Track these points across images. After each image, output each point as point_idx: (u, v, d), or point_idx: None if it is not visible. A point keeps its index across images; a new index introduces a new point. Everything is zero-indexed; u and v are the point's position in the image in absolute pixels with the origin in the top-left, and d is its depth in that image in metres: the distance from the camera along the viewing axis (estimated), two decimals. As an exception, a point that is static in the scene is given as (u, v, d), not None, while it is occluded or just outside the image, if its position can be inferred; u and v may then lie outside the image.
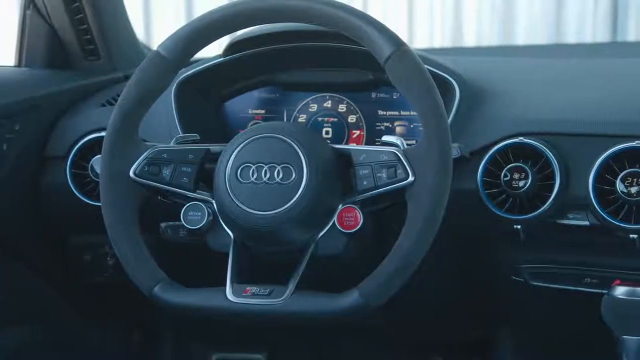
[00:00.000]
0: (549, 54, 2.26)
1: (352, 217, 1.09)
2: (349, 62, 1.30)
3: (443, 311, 1.43)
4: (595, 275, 1.20)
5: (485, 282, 1.33)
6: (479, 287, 1.34)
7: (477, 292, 1.36)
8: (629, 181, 1.10)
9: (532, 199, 1.16)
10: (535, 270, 1.24)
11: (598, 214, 1.12)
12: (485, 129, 1.21)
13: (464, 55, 2.24)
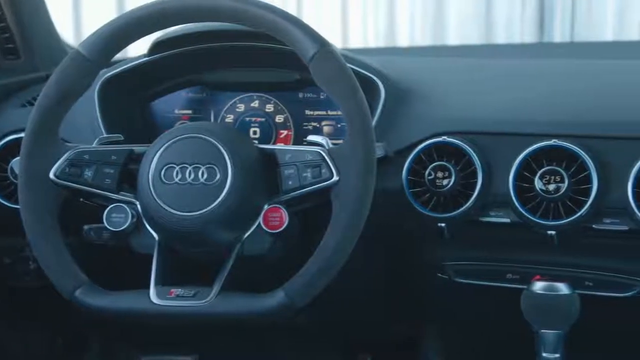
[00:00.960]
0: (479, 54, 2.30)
1: (278, 217, 1.09)
2: (276, 62, 1.30)
3: (371, 310, 1.44)
4: (516, 271, 1.22)
5: (411, 279, 1.35)
6: (405, 285, 1.36)
7: (403, 289, 1.37)
8: (546, 179, 1.13)
9: (455, 197, 1.18)
10: (460, 267, 1.26)
11: (518, 211, 1.15)
12: (409, 128, 1.23)
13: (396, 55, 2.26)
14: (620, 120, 1.17)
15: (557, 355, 1.09)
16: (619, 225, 1.12)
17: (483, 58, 1.67)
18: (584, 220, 1.12)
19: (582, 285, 1.19)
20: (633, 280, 1.19)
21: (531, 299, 1.10)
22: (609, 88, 1.29)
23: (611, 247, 1.17)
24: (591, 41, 3.11)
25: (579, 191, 1.13)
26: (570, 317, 1.10)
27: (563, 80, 1.35)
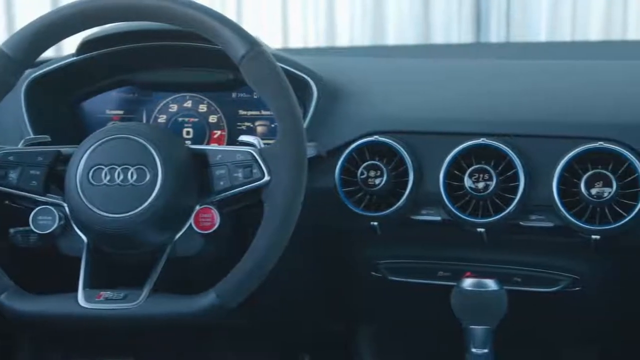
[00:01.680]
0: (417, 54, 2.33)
1: (209, 217, 1.08)
2: (208, 62, 1.29)
3: (307, 309, 1.44)
4: (448, 269, 1.24)
5: (346, 278, 1.35)
6: (340, 284, 1.37)
7: (339, 288, 1.38)
8: (476, 177, 1.15)
9: (388, 196, 1.20)
10: (393, 265, 1.28)
11: (448, 210, 1.16)
12: (342, 128, 1.24)
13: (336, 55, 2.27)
14: (547, 120, 1.19)
15: (486, 350, 1.11)
16: (545, 222, 1.15)
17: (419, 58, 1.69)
18: (512, 218, 1.15)
19: (511, 281, 1.21)
20: (559, 276, 1.21)
21: (460, 296, 1.12)
22: (538, 88, 1.32)
23: (538, 244, 1.19)
24: (525, 41, 3.17)
25: (507, 189, 1.15)
26: (498, 313, 1.12)
27: (495, 80, 1.37)
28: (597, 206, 1.11)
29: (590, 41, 3.02)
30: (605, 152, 1.12)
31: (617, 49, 2.19)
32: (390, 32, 3.35)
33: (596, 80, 1.34)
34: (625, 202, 1.10)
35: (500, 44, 3.14)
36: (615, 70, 1.39)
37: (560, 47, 2.49)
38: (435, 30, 3.33)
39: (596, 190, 1.10)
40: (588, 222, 1.11)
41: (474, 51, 2.47)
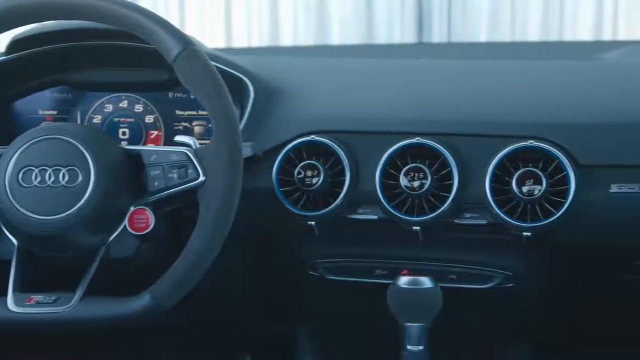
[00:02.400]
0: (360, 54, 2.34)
1: (144, 219, 1.07)
2: (143, 62, 1.28)
3: (247, 309, 1.44)
4: (385, 267, 1.25)
5: (284, 278, 1.35)
6: (278, 283, 1.37)
7: (277, 288, 1.38)
8: (411, 176, 1.17)
9: (325, 195, 1.20)
10: (330, 264, 1.28)
11: (385, 208, 1.17)
12: (279, 127, 1.24)
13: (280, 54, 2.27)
14: (480, 120, 1.21)
15: (421, 347, 1.13)
16: (478, 219, 1.17)
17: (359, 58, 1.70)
18: (446, 216, 1.16)
19: (446, 278, 1.23)
20: (492, 272, 1.24)
21: (396, 294, 1.13)
22: (473, 88, 1.34)
23: (472, 241, 1.21)
24: (466, 42, 3.21)
25: (441, 187, 1.17)
26: (432, 310, 1.13)
27: (432, 80, 1.39)
28: (528, 203, 1.13)
29: (528, 42, 3.08)
30: (536, 151, 1.15)
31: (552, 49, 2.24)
32: (335, 32, 3.36)
33: (529, 80, 1.37)
34: (555, 200, 1.13)
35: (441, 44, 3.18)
36: (547, 71, 1.43)
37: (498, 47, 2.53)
38: (379, 30, 3.35)
39: (527, 188, 1.13)
40: (519, 219, 1.13)
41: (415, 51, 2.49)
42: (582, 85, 1.32)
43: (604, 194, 1.14)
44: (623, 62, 1.50)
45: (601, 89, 1.29)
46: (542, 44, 2.81)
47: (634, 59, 1.52)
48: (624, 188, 1.13)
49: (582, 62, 1.54)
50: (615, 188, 1.14)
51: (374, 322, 1.23)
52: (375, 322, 1.22)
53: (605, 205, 1.14)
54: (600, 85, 1.31)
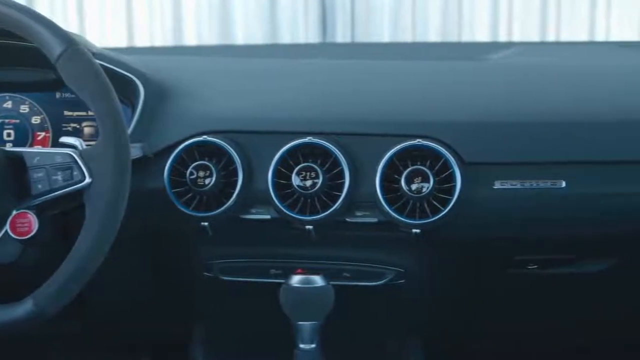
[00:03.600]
0: (263, 54, 2.34)
1: (27, 222, 1.04)
2: (29, 61, 1.24)
3: (142, 310, 1.42)
4: (279, 267, 1.25)
5: (179, 279, 1.34)
6: (174, 284, 1.35)
7: (173, 289, 1.37)
8: (303, 175, 1.17)
9: (218, 196, 1.19)
10: (225, 265, 1.28)
11: (278, 208, 1.18)
12: (171, 128, 1.22)
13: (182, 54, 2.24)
14: (370, 119, 1.23)
15: (314, 345, 1.14)
16: (370, 217, 1.18)
17: (261, 58, 1.70)
18: (338, 214, 1.17)
19: (340, 276, 1.24)
20: (385, 269, 1.26)
21: (288, 293, 1.14)
22: (368, 88, 1.35)
23: (364, 239, 1.23)
24: (369, 42, 3.25)
25: (333, 186, 1.18)
26: (324, 308, 1.14)
27: (326, 80, 1.40)
28: (417, 201, 1.16)
29: (428, 42, 3.15)
30: (424, 149, 1.17)
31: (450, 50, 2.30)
32: (239, 32, 3.35)
33: (420, 80, 1.40)
34: (443, 197, 1.16)
35: (345, 44, 3.21)
36: (438, 71, 1.46)
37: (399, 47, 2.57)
38: (283, 30, 3.36)
39: (416, 186, 1.15)
40: (409, 216, 1.16)
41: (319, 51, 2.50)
42: (469, 86, 1.35)
43: (488, 191, 1.17)
44: (510, 63, 1.55)
45: (487, 89, 1.33)
46: (440, 44, 2.88)
47: (520, 60, 1.58)
48: (506, 184, 1.17)
49: (471, 63, 1.59)
50: (499, 184, 1.17)
51: (270, 321, 1.23)
52: (271, 322, 1.23)
53: (490, 201, 1.18)
54: (487, 86, 1.35)
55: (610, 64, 1.56)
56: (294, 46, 3.01)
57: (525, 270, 1.28)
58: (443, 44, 2.98)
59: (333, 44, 3.24)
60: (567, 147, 1.19)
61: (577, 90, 1.33)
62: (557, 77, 1.40)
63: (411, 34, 3.31)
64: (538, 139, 1.19)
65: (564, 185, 1.17)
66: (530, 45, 2.24)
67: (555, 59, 1.66)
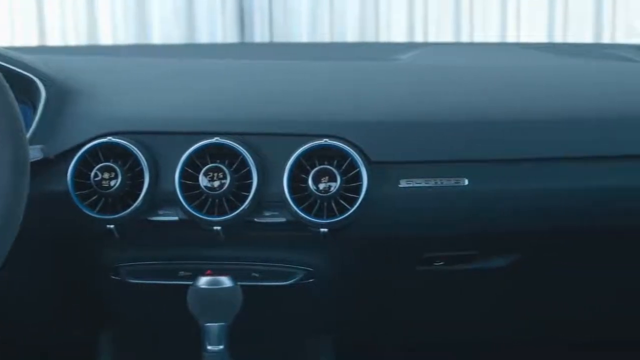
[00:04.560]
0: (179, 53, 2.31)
1: None
2: None
3: (46, 315, 1.39)
4: (189, 268, 1.24)
5: (85, 283, 1.31)
6: (80, 288, 1.32)
7: (79, 293, 1.34)
8: (210, 176, 1.16)
9: (123, 198, 1.17)
10: (132, 268, 1.26)
11: (185, 209, 1.16)
12: (74, 129, 1.20)
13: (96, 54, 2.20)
14: (277, 119, 1.23)
15: (221, 346, 1.13)
16: (278, 217, 1.18)
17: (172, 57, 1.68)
18: (246, 215, 1.17)
19: (249, 277, 1.24)
20: (294, 269, 1.26)
21: (195, 294, 1.13)
22: (277, 88, 1.35)
23: (273, 239, 1.23)
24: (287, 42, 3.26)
25: (241, 187, 1.17)
26: (232, 309, 1.14)
27: (236, 80, 1.40)
28: (324, 200, 1.16)
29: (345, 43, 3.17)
30: (331, 149, 1.18)
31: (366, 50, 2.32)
32: (155, 31, 3.30)
33: (329, 79, 1.41)
34: (350, 196, 1.17)
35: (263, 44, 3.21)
36: (350, 71, 1.47)
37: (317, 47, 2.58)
38: (200, 30, 3.33)
39: (323, 185, 1.16)
40: (316, 216, 1.16)
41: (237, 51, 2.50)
42: (379, 86, 1.37)
43: (394, 189, 1.19)
44: (419, 64, 1.57)
45: (396, 89, 1.35)
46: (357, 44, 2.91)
47: (430, 60, 1.60)
48: (412, 183, 1.19)
49: (383, 63, 1.61)
50: (404, 183, 1.19)
51: (179, 324, 1.22)
52: (181, 324, 1.21)
53: (395, 200, 1.20)
54: (396, 86, 1.37)
55: (516, 64, 1.60)
56: (210, 46, 2.99)
57: (432, 268, 1.31)
58: (360, 44, 3.01)
59: (251, 43, 3.24)
60: (470, 146, 1.22)
61: (482, 90, 1.36)
62: (463, 77, 1.43)
63: (329, 34, 3.33)
64: (442, 138, 1.22)
65: (466, 183, 1.20)
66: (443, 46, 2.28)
67: (464, 60, 1.69)
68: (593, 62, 1.69)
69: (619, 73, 1.53)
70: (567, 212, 1.24)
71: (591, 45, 2.33)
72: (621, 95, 1.36)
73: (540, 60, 1.70)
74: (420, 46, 2.13)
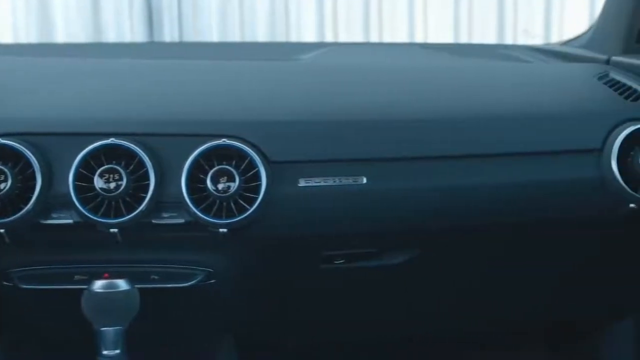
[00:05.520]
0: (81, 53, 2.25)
1: None
2: None
3: None
4: (85, 272, 1.21)
5: None
6: None
7: None
8: (106, 178, 1.14)
9: (15, 201, 1.13)
10: (24, 273, 1.22)
11: (80, 212, 1.13)
12: None
13: None
14: (176, 119, 1.21)
15: (118, 351, 1.11)
16: (176, 218, 1.17)
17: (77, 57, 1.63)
18: (144, 216, 1.15)
19: (148, 279, 1.22)
20: (194, 270, 1.25)
21: (90, 298, 1.10)
22: (177, 88, 1.33)
23: (172, 240, 1.21)
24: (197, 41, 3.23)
25: (138, 188, 1.15)
26: (128, 313, 1.12)
27: (135, 80, 1.37)
28: (223, 201, 1.15)
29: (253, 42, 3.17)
30: (230, 149, 1.17)
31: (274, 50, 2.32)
32: (59, 31, 3.22)
33: (233, 79, 1.40)
34: (249, 196, 1.16)
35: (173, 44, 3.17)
36: (253, 71, 1.47)
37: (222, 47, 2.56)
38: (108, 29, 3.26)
39: (222, 185, 1.15)
40: (215, 216, 1.15)
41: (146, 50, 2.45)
42: (280, 85, 1.37)
43: (294, 189, 1.19)
44: (323, 63, 1.58)
45: (296, 89, 1.35)
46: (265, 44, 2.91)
47: (334, 60, 1.62)
48: (311, 182, 1.20)
49: (287, 63, 1.61)
50: (303, 182, 1.19)
51: (76, 329, 1.19)
52: (77, 330, 1.18)
53: (295, 199, 1.19)
54: (296, 85, 1.37)
55: (418, 64, 1.63)
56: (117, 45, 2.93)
57: (334, 266, 1.31)
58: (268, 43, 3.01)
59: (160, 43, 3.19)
60: (368, 144, 1.23)
61: (382, 89, 1.38)
62: (364, 77, 1.44)
63: (240, 33, 3.32)
64: (341, 137, 1.22)
65: (365, 181, 1.21)
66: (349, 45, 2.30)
67: (367, 60, 1.71)
68: (493, 62, 1.74)
69: (516, 74, 1.57)
70: (464, 209, 1.26)
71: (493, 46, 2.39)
72: (518, 96, 1.40)
73: (441, 60, 1.73)
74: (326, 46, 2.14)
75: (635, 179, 1.24)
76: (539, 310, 1.57)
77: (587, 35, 1.68)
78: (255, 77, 1.42)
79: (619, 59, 1.52)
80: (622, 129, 1.26)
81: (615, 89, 1.38)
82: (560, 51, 1.75)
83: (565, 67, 1.62)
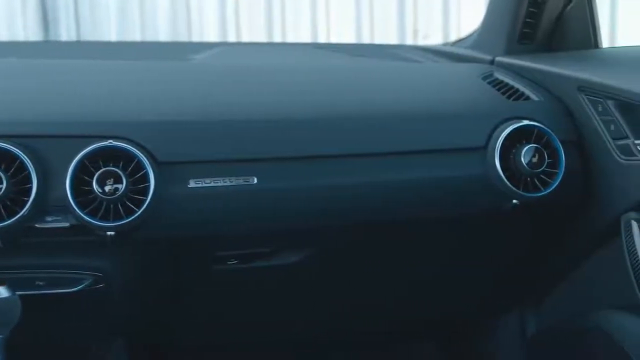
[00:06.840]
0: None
1: None
2: None
3: None
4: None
5: None
6: None
7: None
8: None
9: None
10: None
11: None
12: None
13: None
14: (58, 120, 1.18)
15: (-1, 361, 1.07)
16: (61, 222, 1.13)
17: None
18: (27, 220, 1.11)
19: (32, 285, 1.18)
20: (81, 275, 1.21)
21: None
22: (61, 88, 1.29)
23: (58, 244, 1.18)
24: (95, 40, 3.16)
25: (21, 191, 1.11)
26: (10, 321, 1.08)
27: (23, 80, 1.33)
28: (110, 203, 1.13)
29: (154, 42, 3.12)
30: (117, 150, 1.15)
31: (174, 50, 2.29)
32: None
33: (122, 80, 1.37)
34: (138, 197, 1.14)
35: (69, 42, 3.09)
36: (143, 71, 1.44)
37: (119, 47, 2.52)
38: (0, 27, 3.15)
39: (109, 188, 1.12)
40: (102, 219, 1.13)
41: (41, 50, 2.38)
42: (169, 85, 1.35)
43: (183, 190, 1.18)
44: (213, 63, 1.57)
45: (184, 89, 1.33)
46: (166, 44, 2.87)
47: (225, 60, 1.60)
48: (201, 183, 1.18)
49: (180, 63, 1.59)
50: (193, 183, 1.18)
51: None
52: None
53: (185, 200, 1.18)
54: (184, 85, 1.36)
55: (315, 64, 1.63)
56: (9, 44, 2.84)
57: (227, 267, 1.31)
58: (166, 43, 2.97)
59: (54, 42, 3.11)
60: (258, 144, 1.22)
61: (273, 89, 1.38)
62: (256, 77, 1.44)
63: (140, 32, 3.26)
64: (231, 137, 1.22)
65: (255, 181, 1.20)
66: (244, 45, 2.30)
67: (262, 60, 1.71)
68: (382, 62, 1.76)
69: (404, 73, 1.59)
70: (354, 208, 1.28)
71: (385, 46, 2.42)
72: (406, 94, 1.42)
73: (332, 60, 1.75)
74: (223, 46, 2.13)
75: (517, 176, 1.29)
76: (425, 307, 1.60)
77: (474, 36, 1.73)
78: (146, 77, 1.40)
79: (502, 59, 1.57)
80: (504, 128, 1.31)
81: (498, 89, 1.42)
82: (449, 51, 1.79)
83: (453, 67, 1.67)
